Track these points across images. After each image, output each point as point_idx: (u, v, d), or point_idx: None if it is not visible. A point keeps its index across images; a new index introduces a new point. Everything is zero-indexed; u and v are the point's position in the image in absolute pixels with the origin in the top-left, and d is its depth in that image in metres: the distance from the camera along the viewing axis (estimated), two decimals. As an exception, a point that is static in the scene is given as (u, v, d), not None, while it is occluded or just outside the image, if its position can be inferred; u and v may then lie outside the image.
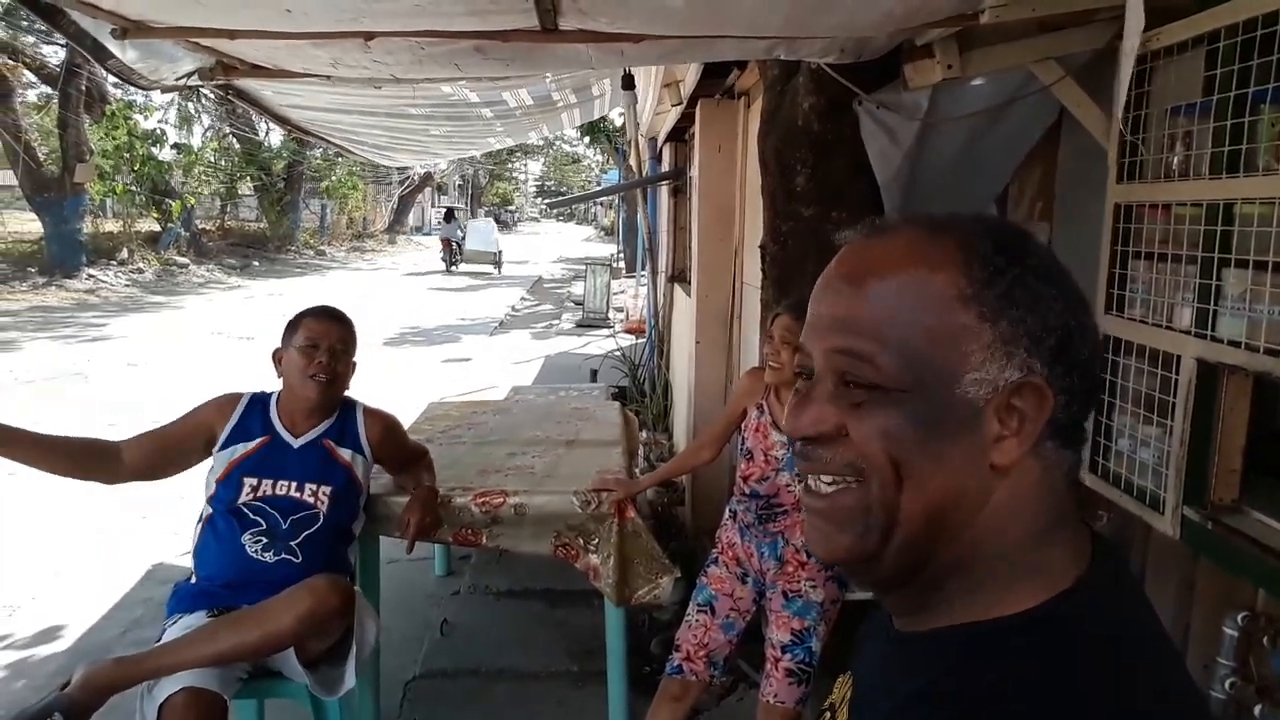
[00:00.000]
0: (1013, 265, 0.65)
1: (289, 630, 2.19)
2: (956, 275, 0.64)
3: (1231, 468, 2.06)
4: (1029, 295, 0.64)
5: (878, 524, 0.65)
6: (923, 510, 0.64)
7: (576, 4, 1.58)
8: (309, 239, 29.94)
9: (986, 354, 0.63)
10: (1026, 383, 0.63)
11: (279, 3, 1.52)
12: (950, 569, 0.66)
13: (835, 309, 0.67)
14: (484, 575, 4.29)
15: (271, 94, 3.03)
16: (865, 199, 2.62)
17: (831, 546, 0.69)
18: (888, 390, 0.64)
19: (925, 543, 0.65)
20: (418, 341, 12.50)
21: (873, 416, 0.64)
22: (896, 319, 0.64)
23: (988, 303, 0.64)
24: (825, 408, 0.67)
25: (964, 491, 0.64)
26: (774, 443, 2.47)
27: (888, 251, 0.67)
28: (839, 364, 0.66)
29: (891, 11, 1.74)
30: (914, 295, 0.64)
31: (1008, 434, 0.64)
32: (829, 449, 0.67)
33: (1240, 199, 1.91)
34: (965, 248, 0.65)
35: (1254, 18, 1.81)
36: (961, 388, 0.63)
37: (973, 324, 0.63)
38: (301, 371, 2.47)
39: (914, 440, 0.64)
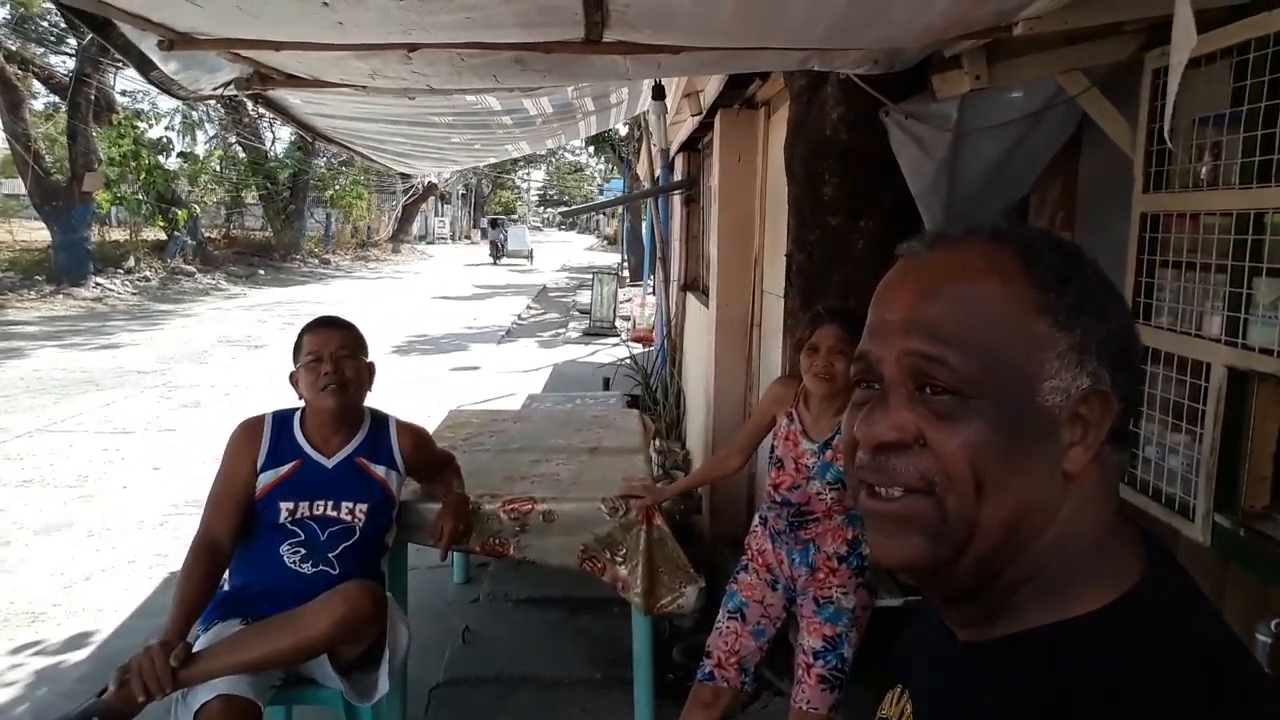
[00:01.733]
0: (1077, 274, 0.66)
1: (323, 636, 2.20)
2: (1028, 285, 0.65)
3: (1262, 475, 2.08)
4: (1095, 304, 0.66)
5: (952, 536, 0.64)
6: (1002, 524, 0.64)
7: (624, 16, 1.61)
8: (313, 248, 30.05)
9: (1062, 362, 0.64)
10: (1094, 390, 0.64)
11: (331, 15, 1.55)
12: (1020, 578, 0.66)
13: (909, 314, 0.67)
14: (503, 582, 4.30)
15: (300, 102, 3.06)
16: (892, 209, 2.65)
17: (905, 552, 0.67)
18: (968, 398, 0.63)
19: (999, 554, 0.65)
20: (426, 350, 12.53)
21: (957, 426, 0.63)
22: (976, 325, 0.64)
23: (1061, 311, 0.64)
24: (904, 415, 0.65)
25: (1040, 502, 0.65)
26: (804, 450, 2.48)
27: (958, 260, 0.67)
28: (917, 368, 0.65)
29: (932, 24, 1.76)
30: (991, 303, 0.64)
31: (1075, 441, 0.65)
32: (903, 458, 0.65)
33: (1271, 209, 1.93)
34: (1030, 258, 0.66)
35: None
36: (1041, 396, 0.64)
37: (1048, 332, 0.64)
38: (312, 386, 2.47)
39: (998, 452, 0.63)
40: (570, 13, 1.58)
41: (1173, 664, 0.59)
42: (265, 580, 2.42)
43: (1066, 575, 0.66)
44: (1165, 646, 0.61)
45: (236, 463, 2.48)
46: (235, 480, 2.47)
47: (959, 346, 0.64)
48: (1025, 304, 0.65)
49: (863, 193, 2.63)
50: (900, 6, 1.60)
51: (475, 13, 1.53)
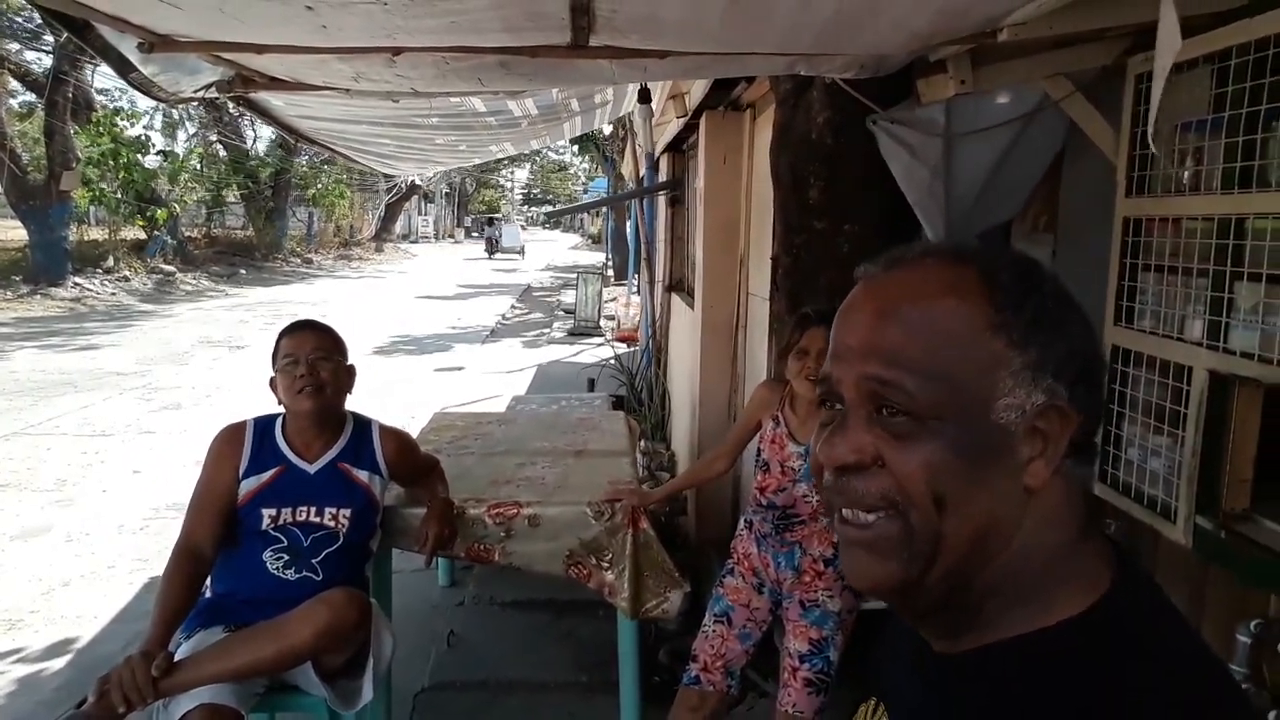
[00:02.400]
0: (1034, 292, 0.67)
1: (307, 644, 2.18)
2: (984, 304, 0.66)
3: (1243, 477, 2.09)
4: (1052, 321, 0.67)
5: (920, 554, 0.66)
6: (966, 538, 0.65)
7: (611, 22, 1.61)
8: (296, 247, 29.87)
9: (1016, 380, 0.65)
10: (1051, 406, 0.65)
11: (315, 19, 1.53)
12: (989, 591, 0.67)
13: (867, 338, 0.68)
14: (488, 586, 4.29)
15: (282, 104, 3.04)
16: (877, 213, 2.65)
17: (873, 577, 0.68)
18: (924, 419, 0.65)
19: (967, 569, 0.66)
20: (409, 350, 12.48)
21: (913, 447, 0.65)
22: (930, 348, 0.65)
23: (1016, 329, 0.65)
24: (862, 437, 0.67)
25: (1002, 515, 0.66)
26: (790, 454, 2.48)
27: (914, 282, 0.68)
28: (874, 392, 0.66)
29: (919, 31, 1.77)
30: (945, 324, 0.66)
31: (1035, 456, 0.66)
32: (864, 480, 0.67)
33: (1252, 214, 1.95)
34: (987, 277, 0.67)
35: (1265, 37, 1.86)
36: (995, 414, 0.65)
37: (1003, 351, 0.65)
38: (289, 390, 2.44)
39: (955, 470, 0.64)
40: (557, 18, 1.58)
41: (1145, 672, 0.60)
42: (248, 587, 2.39)
43: (1033, 586, 0.67)
44: (1136, 654, 0.62)
45: (218, 469, 2.46)
46: (216, 487, 2.44)
47: (914, 370, 0.65)
48: (980, 324, 0.65)
49: (848, 197, 2.64)
50: (887, 14, 1.60)
51: (461, 17, 1.52)
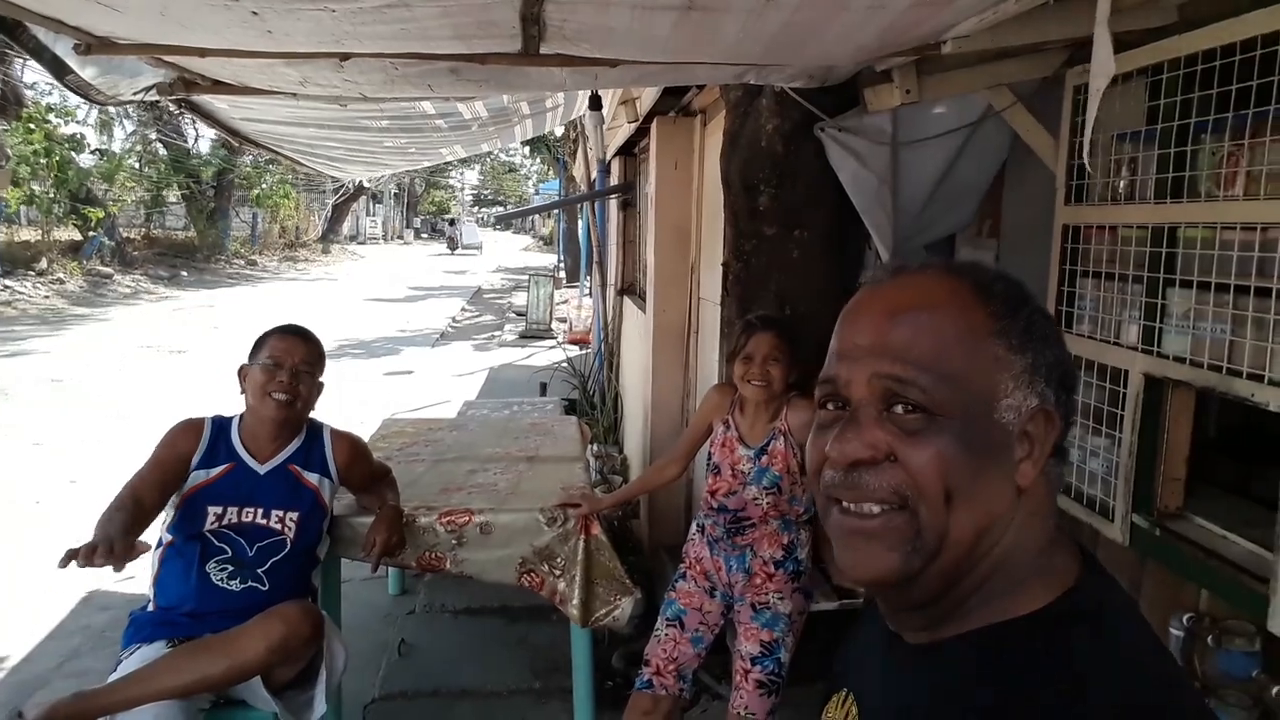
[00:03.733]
0: (1025, 304, 0.72)
1: (259, 659, 2.14)
2: (984, 313, 0.70)
3: (1176, 476, 2.17)
4: (1042, 331, 0.72)
5: (926, 546, 0.69)
6: (969, 533, 0.69)
7: (561, 30, 1.61)
8: (239, 248, 29.22)
9: (1016, 383, 0.70)
10: (1041, 409, 0.70)
11: (260, 24, 1.50)
12: (978, 583, 0.71)
13: (878, 338, 0.71)
14: (440, 593, 4.25)
15: (226, 106, 2.97)
16: (826, 220, 2.69)
17: (875, 569, 0.70)
18: (936, 416, 0.68)
19: (965, 563, 0.70)
20: (358, 354, 12.28)
21: (927, 443, 0.68)
22: (941, 349, 0.69)
23: (1015, 336, 0.70)
24: (876, 433, 0.70)
25: (998, 512, 0.70)
26: (740, 457, 2.51)
27: (920, 289, 0.73)
28: (888, 389, 0.69)
29: (866, 44, 1.80)
30: (954, 328, 0.70)
31: (1024, 457, 0.70)
32: (875, 474, 0.70)
33: (1183, 223, 2.01)
34: (982, 289, 0.72)
35: (1194, 53, 1.92)
36: (999, 413, 0.69)
37: (1005, 355, 0.70)
38: (261, 388, 2.42)
39: (964, 465, 0.68)
40: (507, 26, 1.57)
41: (1097, 655, 0.64)
42: (191, 600, 2.34)
43: (1015, 580, 0.71)
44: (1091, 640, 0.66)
45: (172, 451, 2.42)
46: (168, 464, 2.39)
47: (928, 369, 0.69)
48: (984, 330, 0.70)
49: (798, 204, 2.67)
50: (835, 28, 1.63)
51: (411, 24, 1.51)
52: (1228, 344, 1.88)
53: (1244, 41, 1.80)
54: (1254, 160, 1.84)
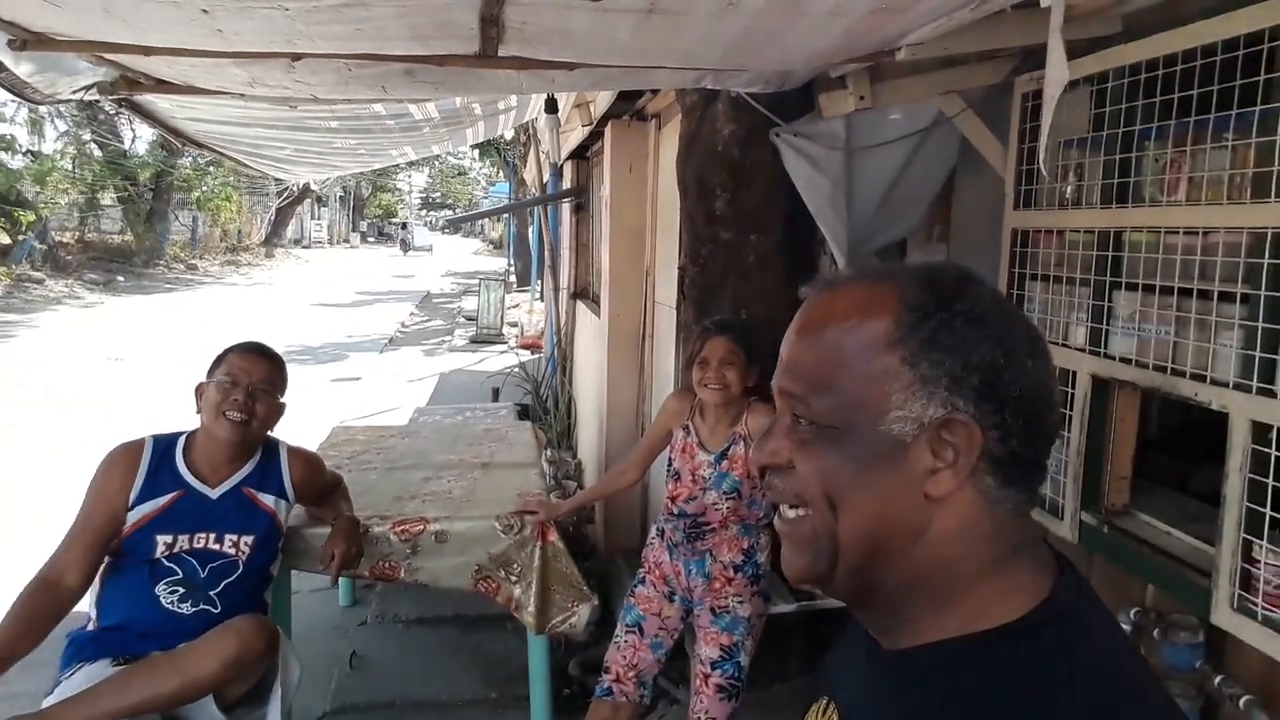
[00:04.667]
0: (940, 310, 0.70)
1: (211, 676, 2.07)
2: (889, 322, 0.70)
3: (1122, 475, 2.23)
4: (953, 338, 0.69)
5: (825, 549, 0.72)
6: (859, 536, 0.71)
7: (521, 33, 1.59)
8: (179, 252, 28.47)
9: (908, 393, 0.69)
10: (953, 419, 0.68)
11: (210, 23, 1.46)
12: (905, 591, 0.72)
13: (787, 354, 0.77)
14: (392, 604, 4.17)
15: (168, 106, 2.89)
16: (782, 224, 2.71)
17: (792, 568, 0.76)
18: (822, 428, 0.72)
19: (867, 565, 0.72)
20: (304, 360, 12.03)
21: (812, 453, 0.72)
22: (827, 364, 0.72)
23: (911, 346, 0.69)
24: (781, 442, 0.75)
25: (899, 519, 0.70)
26: (701, 462, 2.51)
27: (832, 303, 0.75)
28: (787, 403, 0.75)
29: (822, 50, 1.82)
30: (846, 342, 0.72)
31: (943, 466, 0.69)
32: (781, 479, 0.75)
33: (1129, 228, 2.07)
34: (900, 296, 0.71)
35: (1138, 62, 1.98)
36: (885, 425, 0.70)
37: (894, 367, 0.70)
38: (215, 407, 2.31)
39: (845, 474, 0.71)
40: (466, 27, 1.55)
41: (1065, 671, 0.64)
42: (140, 622, 2.25)
43: (955, 594, 0.70)
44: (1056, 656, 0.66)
45: (104, 493, 2.29)
46: (97, 515, 2.27)
47: (816, 384, 0.73)
48: (878, 341, 0.71)
49: (754, 208, 2.69)
50: (795, 33, 1.64)
51: (367, 24, 1.48)
52: (1171, 345, 1.93)
53: (1185, 51, 1.85)
54: (1195, 166, 1.89)
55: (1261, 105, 1.68)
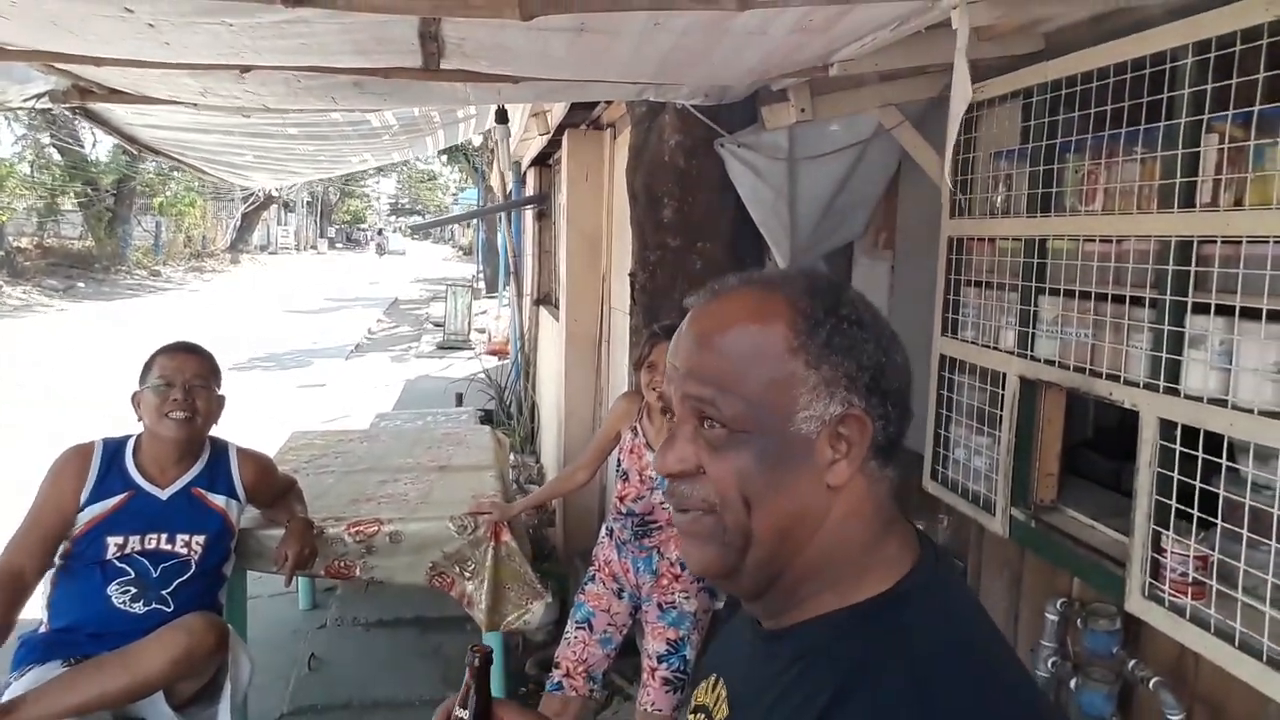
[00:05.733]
0: (829, 316, 0.77)
1: (161, 673, 2.10)
2: (785, 329, 0.76)
3: (1049, 472, 2.33)
4: (845, 341, 0.76)
5: (734, 544, 0.76)
6: (771, 531, 0.75)
7: (460, 48, 1.65)
8: (141, 258, 28.04)
9: (813, 394, 0.75)
10: (849, 414, 0.76)
11: (156, 36, 1.50)
12: (803, 575, 0.77)
13: (687, 361, 0.78)
14: (351, 607, 4.20)
15: (123, 113, 2.91)
16: (728, 232, 2.79)
17: (701, 562, 0.79)
18: (735, 432, 0.75)
19: (776, 556, 0.76)
20: (268, 367, 11.96)
21: (726, 457, 0.75)
22: (737, 369, 0.75)
23: (812, 351, 0.75)
24: (687, 448, 0.77)
25: (806, 510, 0.76)
26: (648, 462, 2.58)
27: (728, 310, 0.79)
28: (695, 409, 0.77)
29: (753, 66, 1.89)
30: (751, 348, 0.76)
31: (839, 457, 0.76)
32: (689, 485, 0.77)
33: (1052, 235, 2.17)
34: (791, 304, 0.77)
35: (1059, 78, 2.08)
36: (795, 425, 0.75)
37: (800, 370, 0.75)
38: (156, 411, 2.34)
39: (760, 474, 0.74)
40: (406, 43, 1.61)
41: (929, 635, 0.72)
42: (92, 622, 2.27)
43: (842, 571, 0.77)
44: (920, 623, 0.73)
45: (55, 492, 2.32)
46: (50, 510, 2.30)
47: (725, 390, 0.75)
48: (780, 347, 0.76)
49: (700, 216, 2.76)
50: (720, 51, 1.72)
51: (310, 39, 1.53)
52: (1090, 347, 2.03)
53: (1100, 69, 1.96)
54: (1110, 178, 1.99)
55: (1165, 121, 1.79)
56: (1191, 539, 1.72)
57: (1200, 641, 1.68)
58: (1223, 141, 1.70)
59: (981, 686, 0.69)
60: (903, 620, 0.73)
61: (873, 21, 1.53)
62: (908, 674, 0.68)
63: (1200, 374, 1.72)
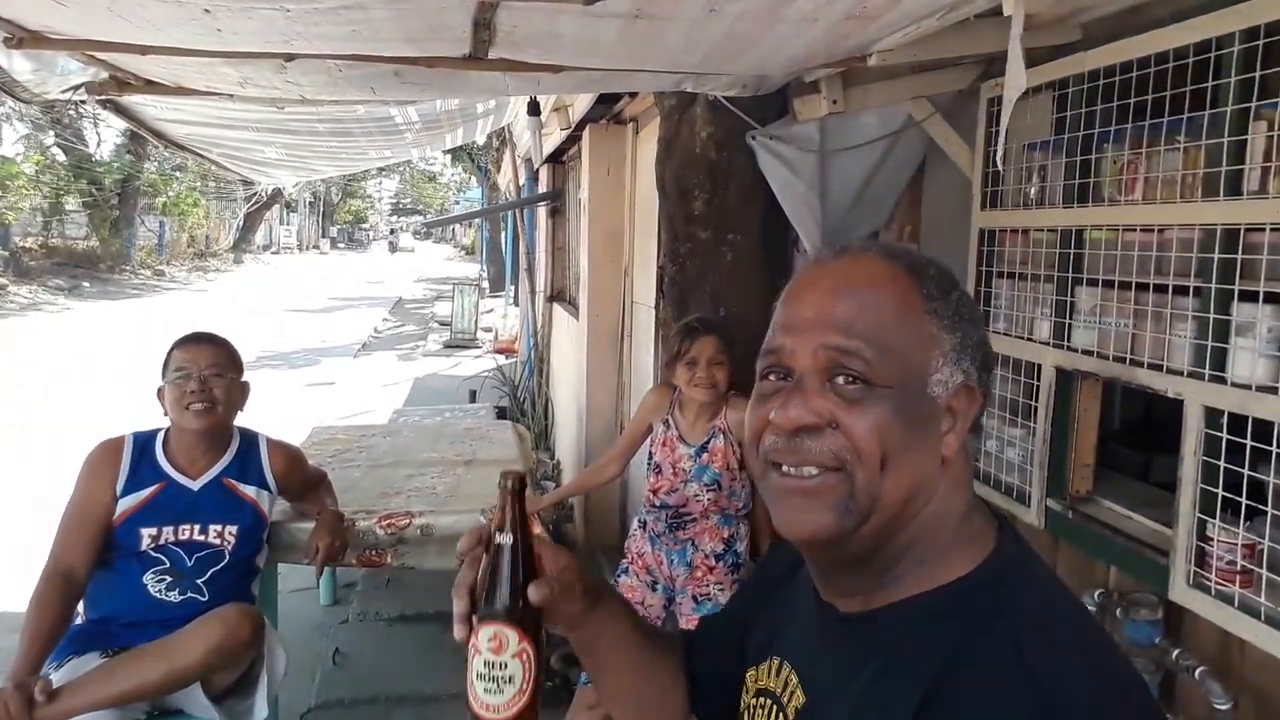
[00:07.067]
0: (955, 288, 0.79)
1: (198, 663, 2.10)
2: (918, 294, 0.76)
3: (1086, 462, 2.33)
4: (969, 313, 0.78)
5: (860, 507, 0.73)
6: (899, 495, 0.74)
7: (511, 36, 1.65)
8: (146, 258, 28.07)
9: (945, 359, 0.76)
10: (965, 385, 0.76)
11: (210, 22, 1.51)
12: (904, 548, 0.76)
13: (824, 312, 0.75)
14: (373, 602, 4.20)
15: (153, 108, 2.91)
16: (758, 224, 2.79)
17: (811, 525, 0.75)
18: (875, 386, 0.73)
19: (894, 524, 0.75)
20: (276, 366, 11.95)
21: (867, 411, 0.73)
22: (881, 324, 0.74)
23: (946, 316, 0.76)
24: (818, 401, 0.74)
25: (927, 478, 0.76)
26: (681, 455, 2.58)
27: (863, 268, 0.78)
28: (834, 360, 0.74)
29: (797, 55, 1.90)
30: (893, 305, 0.75)
31: (949, 429, 0.76)
32: (817, 440, 0.74)
33: (1089, 226, 2.17)
34: (917, 271, 0.78)
35: (1097, 69, 2.08)
36: (930, 387, 0.75)
37: (937, 333, 0.76)
38: (177, 403, 2.34)
39: (899, 433, 0.73)
40: (458, 30, 1.61)
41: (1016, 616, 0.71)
42: (128, 612, 2.28)
43: (940, 547, 0.77)
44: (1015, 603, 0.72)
45: (93, 486, 2.33)
46: (91, 505, 2.31)
47: (870, 341, 0.73)
48: (921, 308, 0.76)
49: (731, 208, 2.76)
50: (771, 38, 1.72)
51: (363, 26, 1.53)
52: (1130, 337, 2.03)
53: (1140, 59, 1.96)
54: (1150, 167, 1.99)
55: (1209, 109, 1.79)
56: (1240, 527, 1.72)
57: (1250, 629, 1.68)
58: (1271, 129, 1.70)
59: (1089, 672, 0.69)
60: (1000, 603, 0.72)
61: (925, 8, 1.53)
62: (1015, 661, 0.67)
63: (1248, 361, 1.72)
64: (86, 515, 2.30)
